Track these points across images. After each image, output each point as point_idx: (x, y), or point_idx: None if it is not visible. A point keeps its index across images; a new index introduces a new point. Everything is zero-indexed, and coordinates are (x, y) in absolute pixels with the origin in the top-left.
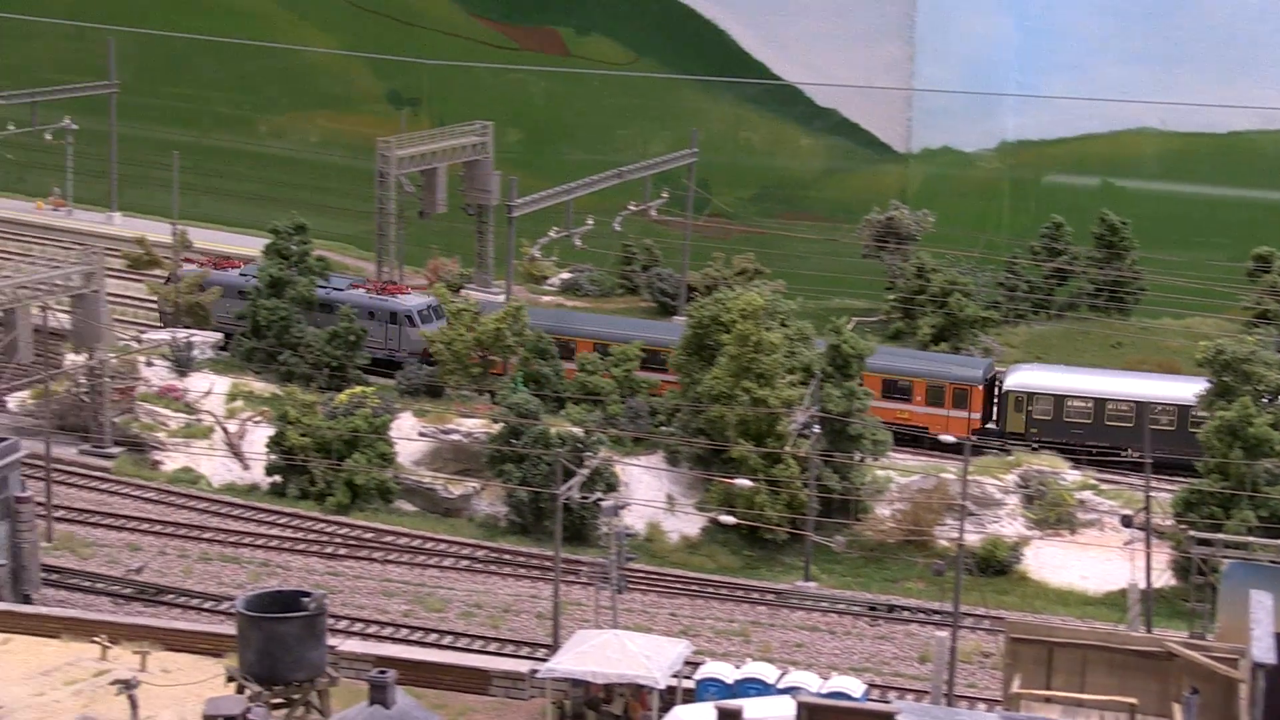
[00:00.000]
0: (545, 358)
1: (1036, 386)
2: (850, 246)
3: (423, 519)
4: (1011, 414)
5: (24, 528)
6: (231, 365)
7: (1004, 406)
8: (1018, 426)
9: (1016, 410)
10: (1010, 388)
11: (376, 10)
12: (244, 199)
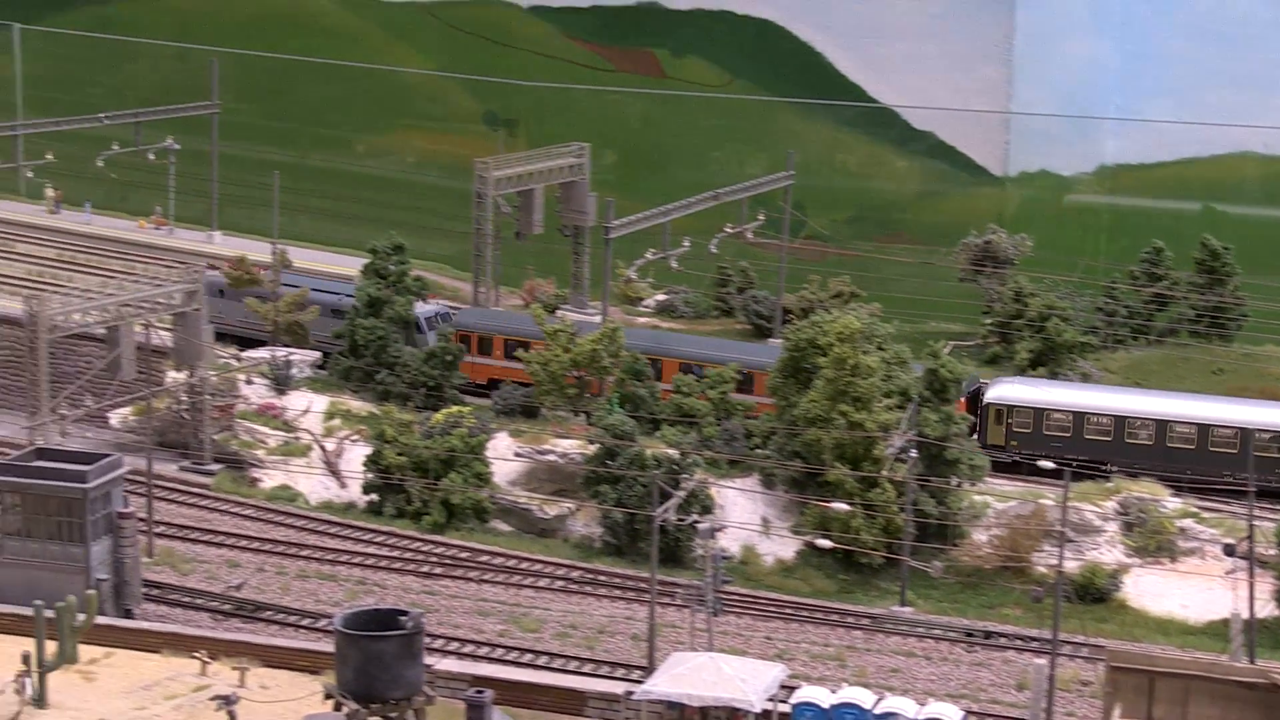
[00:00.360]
0: (641, 379)
1: (1016, 400)
2: (947, 270)
3: (518, 539)
4: (992, 426)
5: (126, 543)
6: (329, 384)
7: (984, 419)
8: (998, 439)
9: (997, 423)
10: (990, 401)
11: (473, 31)
12: (342, 219)
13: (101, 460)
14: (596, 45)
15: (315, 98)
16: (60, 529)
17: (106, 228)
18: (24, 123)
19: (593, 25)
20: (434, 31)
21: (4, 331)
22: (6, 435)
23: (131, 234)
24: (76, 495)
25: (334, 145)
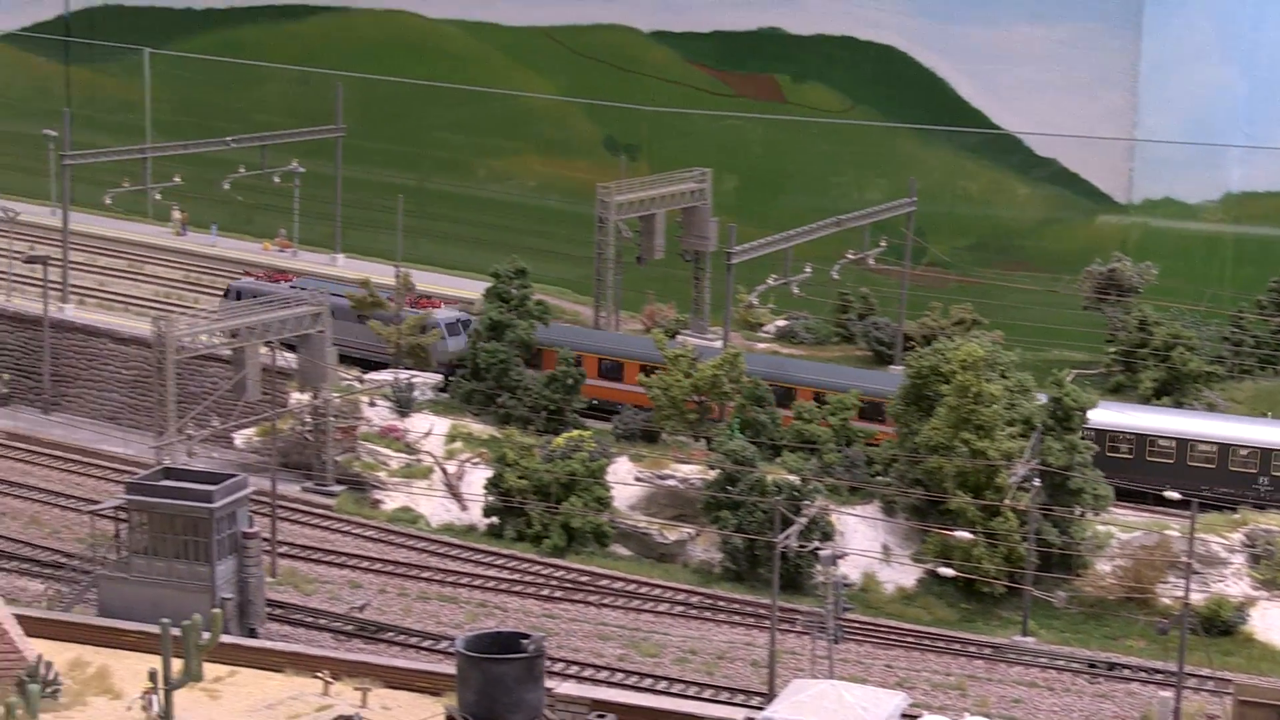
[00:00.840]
0: (762, 405)
1: None
2: (1070, 298)
3: (638, 563)
4: None
5: (250, 563)
6: (451, 407)
7: None
8: None
9: None
10: None
11: (595, 56)
12: (464, 242)
13: (227, 480)
14: (717, 70)
15: (438, 122)
16: (186, 548)
17: (232, 249)
18: (152, 146)
19: (714, 50)
20: (556, 56)
21: (132, 352)
22: (134, 454)
23: (256, 256)
24: (203, 515)
25: (456, 169)
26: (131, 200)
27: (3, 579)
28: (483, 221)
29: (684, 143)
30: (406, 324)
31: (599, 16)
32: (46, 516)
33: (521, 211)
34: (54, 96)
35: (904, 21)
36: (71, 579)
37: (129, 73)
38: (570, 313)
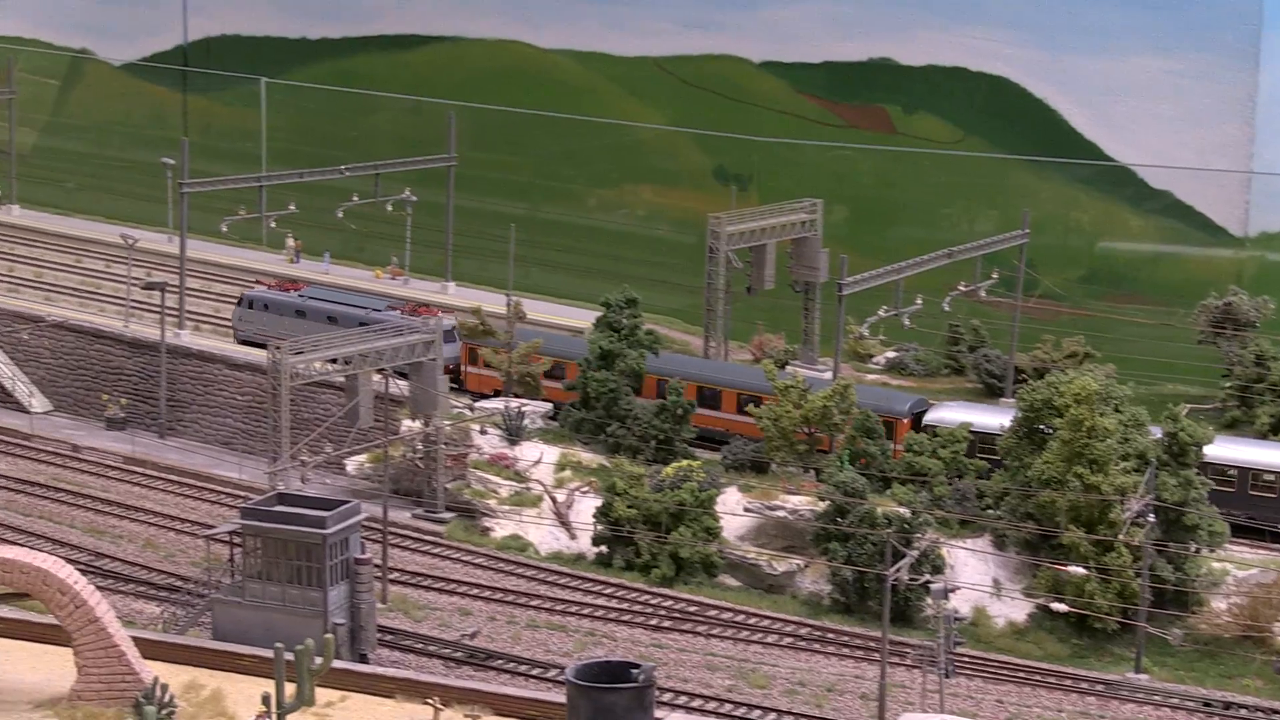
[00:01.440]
0: (872, 436)
1: (952, 422)
2: (1184, 331)
3: (746, 594)
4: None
5: (362, 588)
6: (561, 435)
7: None
8: None
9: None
10: (928, 422)
11: (704, 87)
12: (573, 271)
13: (340, 507)
14: (828, 101)
15: (548, 151)
16: (299, 573)
17: (344, 277)
18: (267, 174)
19: (824, 81)
20: (666, 86)
21: (246, 378)
22: (248, 479)
23: (368, 283)
24: (316, 540)
25: (566, 198)
26: (247, 228)
27: (120, 601)
28: (592, 251)
29: (794, 173)
30: (517, 352)
31: (709, 47)
32: (162, 540)
33: (631, 241)
34: (171, 125)
35: (1016, 52)
36: (187, 602)
37: (244, 101)
38: (680, 342)
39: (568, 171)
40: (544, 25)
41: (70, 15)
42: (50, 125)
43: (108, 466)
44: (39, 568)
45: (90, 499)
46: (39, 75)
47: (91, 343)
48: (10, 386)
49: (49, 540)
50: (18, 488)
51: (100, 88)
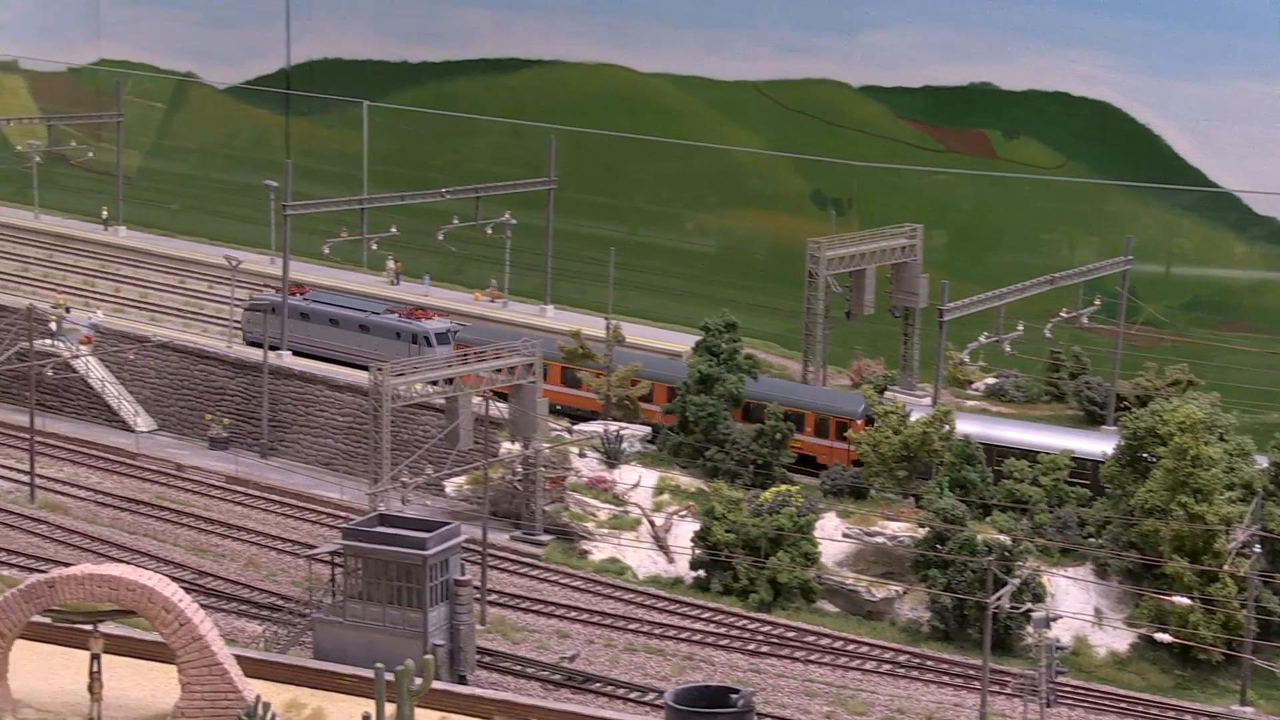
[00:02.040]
0: (972, 463)
1: None
2: None
3: (844, 620)
4: None
5: (462, 610)
6: (659, 459)
7: None
8: None
9: None
10: None
11: (803, 111)
12: (672, 295)
13: (441, 528)
14: (928, 125)
15: (647, 175)
16: (400, 594)
17: (443, 299)
18: (369, 196)
19: (924, 105)
20: (764, 110)
21: (347, 399)
22: (348, 500)
23: (467, 305)
24: (416, 562)
25: (664, 222)
26: (347, 249)
27: (222, 620)
28: (690, 274)
29: (893, 198)
30: (615, 375)
31: (809, 71)
32: (263, 559)
33: (729, 265)
34: (274, 148)
35: (1119, 77)
36: (288, 621)
37: (345, 124)
38: (778, 367)
39: (666, 195)
40: (643, 49)
41: (177, 40)
42: (155, 148)
43: (211, 486)
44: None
45: (193, 518)
46: (145, 99)
47: (195, 363)
48: (116, 406)
49: (153, 558)
50: (123, 506)
51: (205, 111)
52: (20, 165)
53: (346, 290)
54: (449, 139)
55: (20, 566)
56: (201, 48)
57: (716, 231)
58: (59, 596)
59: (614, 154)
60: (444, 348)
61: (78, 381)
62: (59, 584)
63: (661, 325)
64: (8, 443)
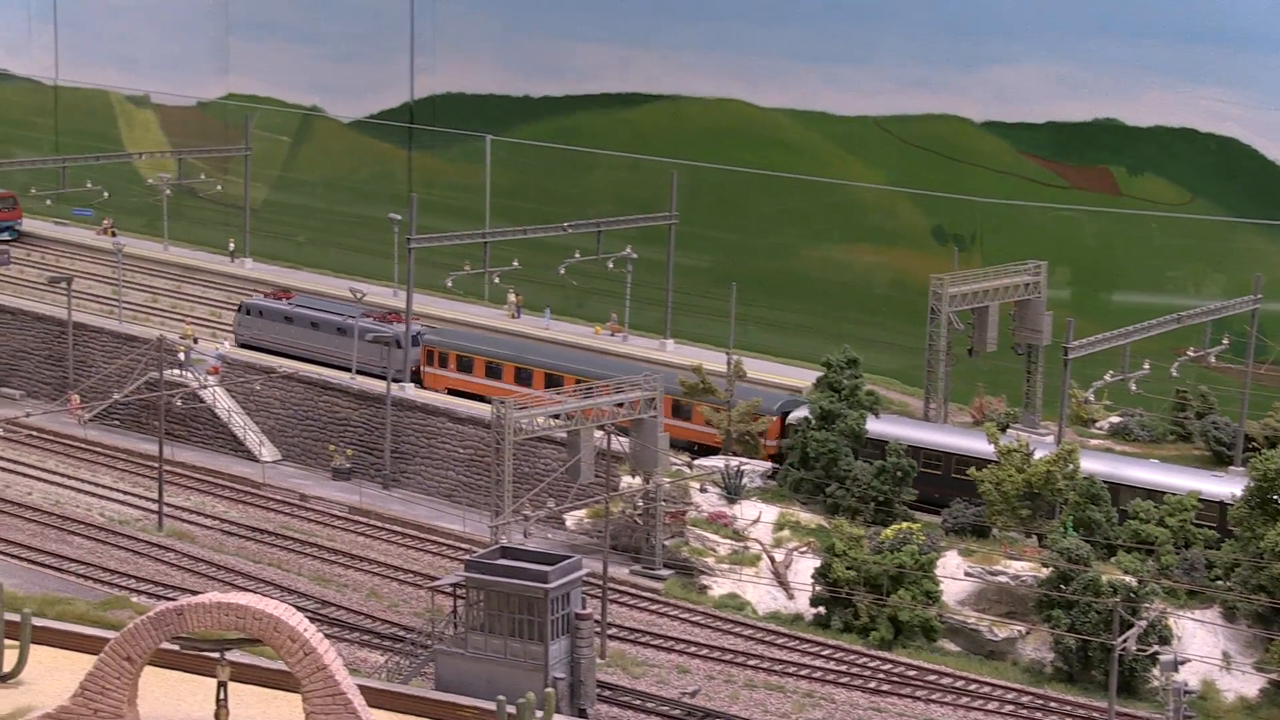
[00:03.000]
0: (1097, 503)
1: None
2: None
3: (966, 659)
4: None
5: (583, 643)
6: (780, 495)
7: (785, 434)
8: None
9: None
10: (790, 421)
11: (924, 146)
12: (791, 330)
13: (562, 561)
14: (1050, 161)
15: (767, 209)
16: (521, 626)
17: (563, 333)
18: (491, 230)
19: (1047, 141)
20: (885, 146)
21: (469, 431)
22: (470, 532)
23: (586, 339)
24: (538, 595)
25: (784, 257)
26: (469, 282)
27: (345, 649)
28: (810, 310)
29: (1015, 234)
30: (736, 410)
31: (930, 107)
32: (385, 590)
33: (849, 300)
34: (397, 181)
35: (1248, 113)
36: (410, 652)
37: (467, 158)
38: (899, 403)
39: (787, 230)
40: (764, 84)
41: (303, 74)
42: (281, 180)
43: (334, 516)
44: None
45: (317, 547)
46: (272, 132)
47: (320, 394)
48: (242, 435)
49: (278, 587)
50: (249, 535)
51: (329, 144)
52: (151, 198)
53: (329, 295)
54: (570, 173)
55: (148, 593)
56: (327, 82)
57: (837, 266)
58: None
59: (734, 189)
60: (414, 349)
61: (205, 411)
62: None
63: (782, 360)
64: (137, 471)
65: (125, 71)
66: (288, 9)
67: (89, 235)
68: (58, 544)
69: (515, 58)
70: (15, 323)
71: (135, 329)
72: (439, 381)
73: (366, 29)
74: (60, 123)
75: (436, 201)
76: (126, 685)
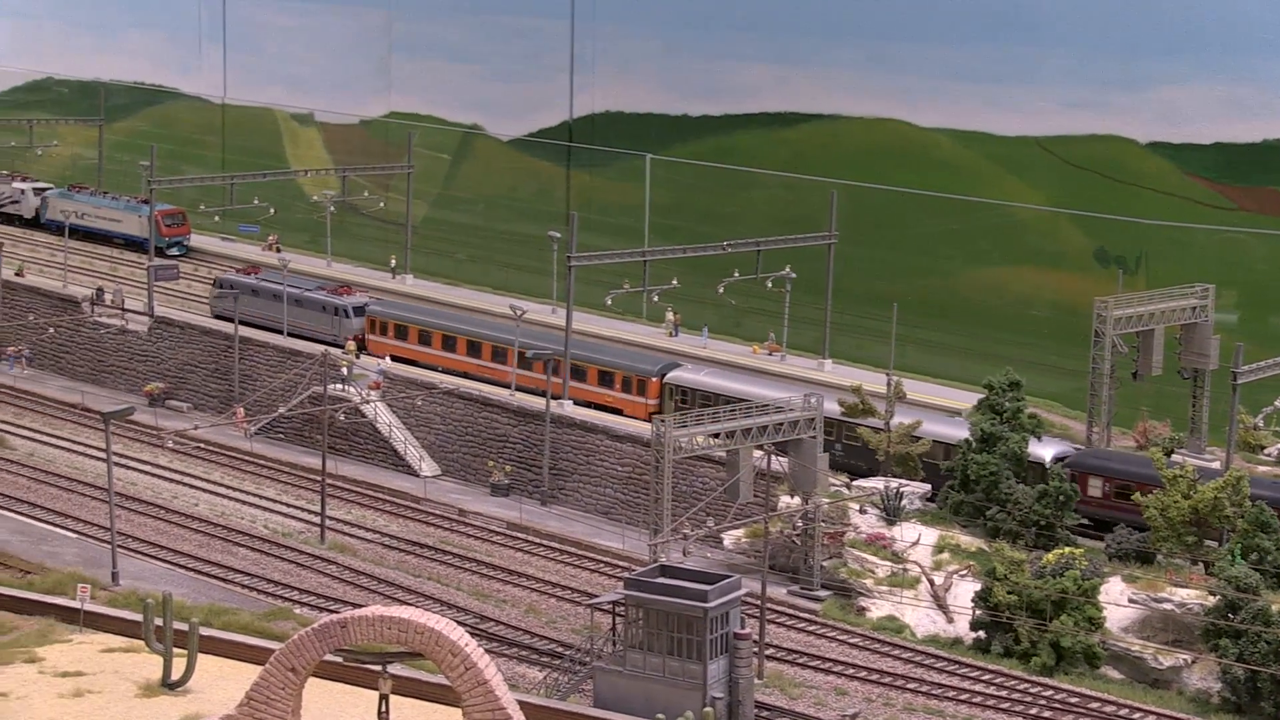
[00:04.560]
0: (1266, 531)
1: (681, 381)
2: None
3: (1129, 688)
4: (668, 401)
5: (741, 663)
6: (939, 517)
7: (664, 395)
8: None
9: (670, 398)
10: (666, 381)
11: (1087, 167)
12: (950, 351)
13: (721, 581)
14: (1217, 183)
15: (926, 230)
16: (680, 645)
17: (720, 352)
18: (651, 249)
19: (1214, 162)
20: (1047, 167)
21: (627, 449)
22: (627, 549)
23: (744, 359)
24: (697, 614)
25: (943, 278)
26: (627, 301)
27: (504, 665)
28: (970, 331)
29: (1181, 257)
30: (896, 432)
31: (1093, 127)
32: (544, 606)
33: (1009, 322)
34: (555, 199)
35: None
36: (568, 669)
37: (625, 176)
38: (1060, 427)
39: (946, 250)
40: (923, 104)
41: (464, 93)
42: (440, 198)
43: (492, 531)
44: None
45: (475, 562)
46: (432, 150)
47: (479, 410)
48: (402, 450)
49: (437, 601)
50: (408, 549)
51: (488, 162)
52: (315, 215)
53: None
54: (727, 192)
55: (311, 605)
56: (487, 101)
57: (997, 288)
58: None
59: (893, 209)
60: (359, 319)
61: (366, 426)
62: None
63: (940, 381)
64: (300, 484)
65: (291, 90)
66: (449, 29)
67: (255, 251)
68: (223, 554)
69: (674, 77)
70: (183, 336)
71: (299, 344)
72: (380, 348)
73: (527, 48)
74: (227, 140)
75: (594, 220)
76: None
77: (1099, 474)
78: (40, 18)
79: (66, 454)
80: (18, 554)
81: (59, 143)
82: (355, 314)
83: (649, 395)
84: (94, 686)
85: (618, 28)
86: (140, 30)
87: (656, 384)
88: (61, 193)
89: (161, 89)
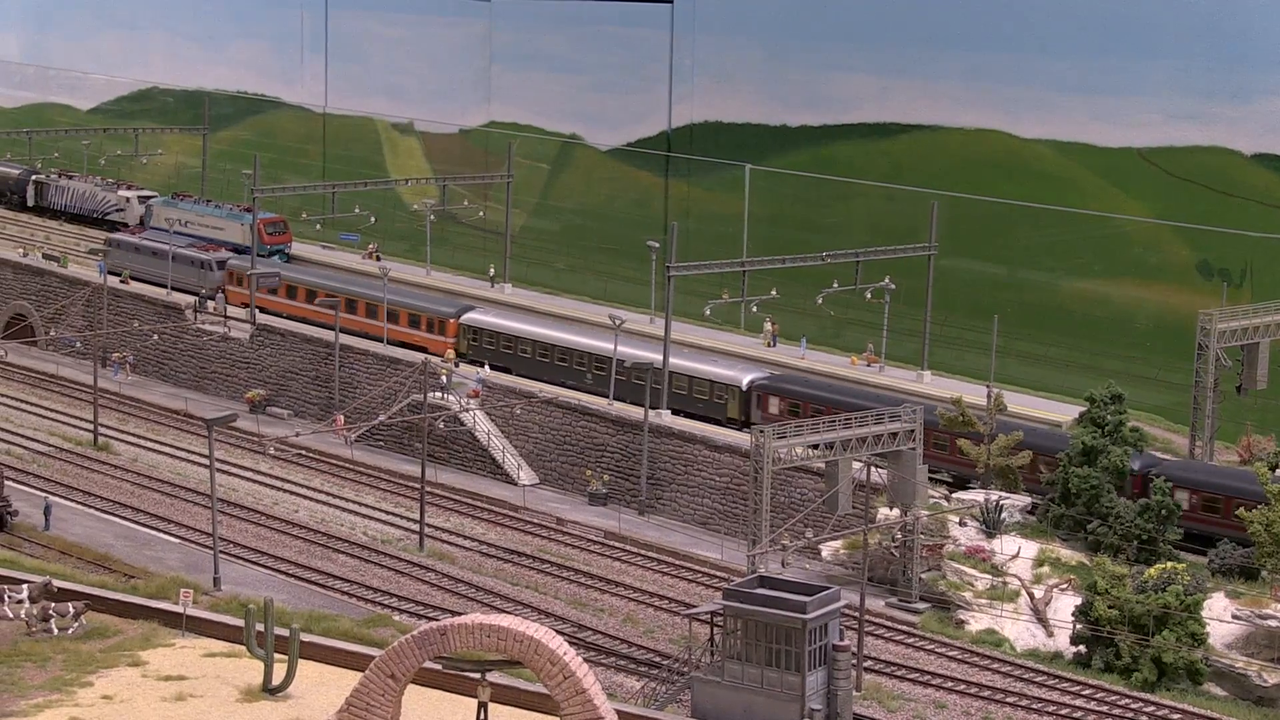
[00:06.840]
0: None
1: (475, 322)
2: None
3: (1233, 705)
4: (465, 339)
5: (840, 675)
6: (1039, 530)
7: (462, 334)
8: (464, 348)
9: (464, 336)
10: (462, 322)
11: (1190, 179)
12: (1052, 364)
13: (821, 592)
14: None
15: (1027, 241)
16: (778, 656)
17: (819, 362)
18: (750, 259)
19: None
20: (1151, 178)
21: (725, 459)
22: (725, 560)
23: (843, 369)
24: (795, 625)
25: (1045, 290)
26: (726, 311)
27: (601, 674)
28: (1071, 344)
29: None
30: (996, 444)
31: (1197, 139)
32: (641, 615)
33: (1111, 334)
34: (654, 209)
35: None
36: (666, 679)
37: (724, 187)
38: (1163, 440)
39: (1048, 262)
40: (1025, 115)
41: (563, 103)
42: (539, 207)
43: (590, 540)
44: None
45: (573, 571)
46: (532, 159)
47: (578, 419)
48: (501, 459)
49: (535, 610)
50: (506, 557)
51: (587, 172)
52: (415, 224)
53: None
54: (826, 203)
55: (410, 612)
56: (586, 111)
57: (1099, 300)
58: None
59: (994, 220)
60: (220, 271)
61: (465, 434)
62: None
63: (1041, 394)
64: (399, 492)
65: (391, 100)
66: (549, 40)
67: (355, 259)
68: (323, 561)
69: (774, 87)
70: (284, 344)
71: (399, 352)
72: (236, 297)
73: (626, 59)
74: (328, 149)
75: (693, 229)
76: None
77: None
78: (146, 29)
79: (170, 460)
80: (122, 559)
81: (164, 151)
82: (218, 267)
83: (448, 334)
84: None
85: (718, 38)
86: (244, 41)
87: (454, 324)
88: (166, 201)
89: (264, 98)
